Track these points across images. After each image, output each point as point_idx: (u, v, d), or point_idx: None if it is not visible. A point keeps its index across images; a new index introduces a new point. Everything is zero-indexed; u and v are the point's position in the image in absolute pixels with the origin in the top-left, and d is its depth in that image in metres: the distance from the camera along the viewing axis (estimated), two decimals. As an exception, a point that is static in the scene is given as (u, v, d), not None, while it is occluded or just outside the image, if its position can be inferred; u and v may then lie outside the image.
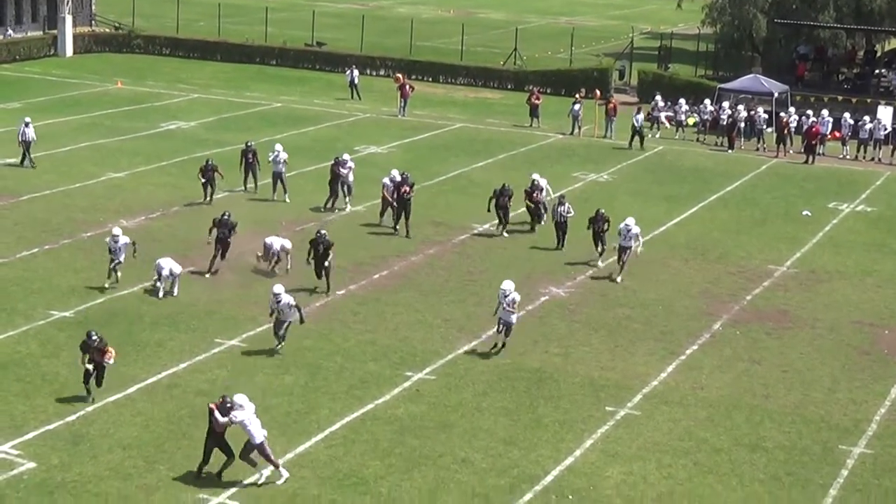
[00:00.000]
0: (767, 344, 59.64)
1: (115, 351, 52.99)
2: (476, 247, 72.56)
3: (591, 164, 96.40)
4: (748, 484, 46.96)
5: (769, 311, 65.22)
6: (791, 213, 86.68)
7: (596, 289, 66.81)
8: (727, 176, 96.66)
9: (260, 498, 43.28)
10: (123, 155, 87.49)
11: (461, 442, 48.02)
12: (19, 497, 42.04)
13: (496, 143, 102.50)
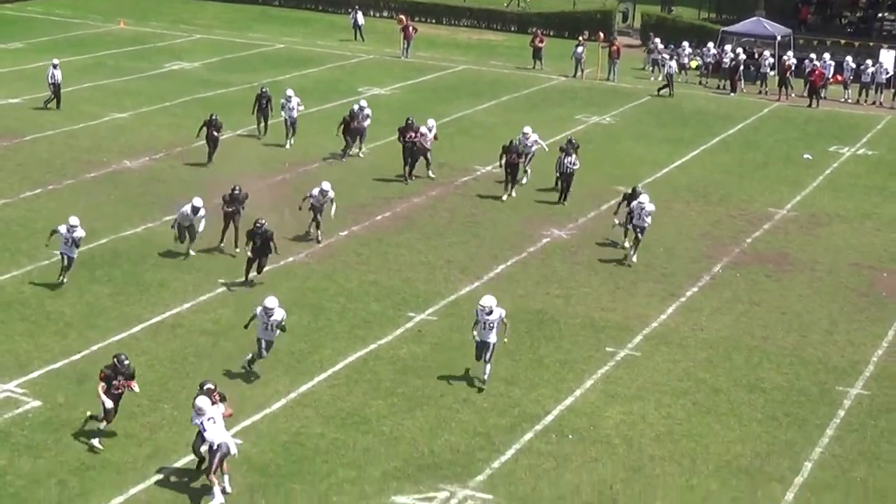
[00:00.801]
0: (767, 286, 59.97)
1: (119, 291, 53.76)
2: (479, 189, 72.66)
3: (593, 107, 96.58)
4: (746, 424, 47.34)
5: (769, 253, 65.49)
6: (792, 157, 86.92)
7: (597, 231, 66.94)
8: (729, 119, 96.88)
9: (262, 436, 43.70)
10: (127, 95, 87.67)
11: (463, 382, 48.32)
12: (25, 435, 42.39)
13: (500, 84, 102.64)
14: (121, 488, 39.72)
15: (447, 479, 41.84)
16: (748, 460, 44.80)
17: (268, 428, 44.31)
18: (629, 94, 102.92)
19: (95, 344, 49.64)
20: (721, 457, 44.72)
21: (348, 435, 43.97)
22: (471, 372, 45.38)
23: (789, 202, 75.94)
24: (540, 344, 52.94)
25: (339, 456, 42.52)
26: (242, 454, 41.45)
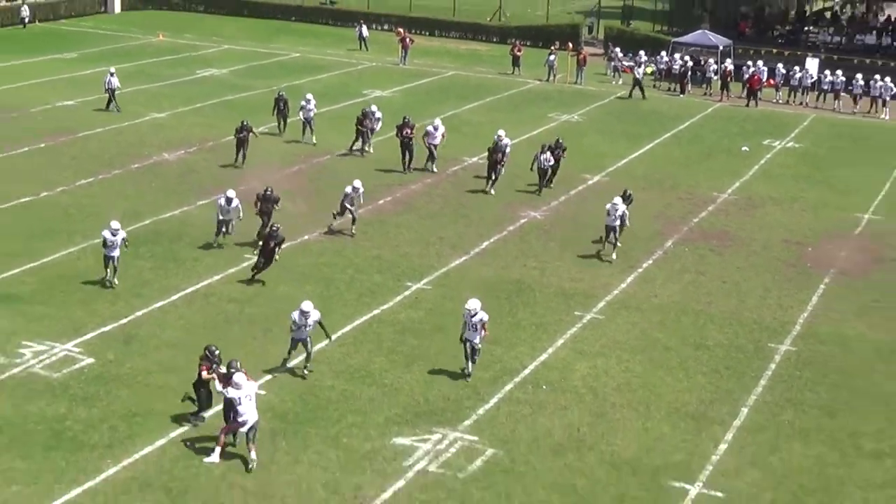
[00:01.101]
0: (711, 259, 60.37)
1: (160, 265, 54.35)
2: (467, 178, 72.91)
3: (563, 107, 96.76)
4: (692, 376, 48.07)
5: (713, 231, 65.84)
6: (732, 149, 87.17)
7: (568, 213, 67.36)
8: (679, 117, 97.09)
9: (283, 387, 44.38)
10: (164, 98, 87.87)
11: (453, 342, 48.41)
12: (81, 387, 43.13)
13: (484, 88, 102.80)
14: (163, 433, 40.25)
15: (440, 424, 42.39)
16: (694, 407, 45.39)
17: (288, 381, 45.04)
18: (594, 96, 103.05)
19: (140, 310, 50.21)
20: (671, 404, 45.33)
21: (355, 387, 44.62)
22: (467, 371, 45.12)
23: (730, 188, 76.31)
24: (518, 309, 53.54)
25: (347, 404, 43.11)
26: (266, 403, 41.94)
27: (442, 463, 40.04)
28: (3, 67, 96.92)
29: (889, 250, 66.45)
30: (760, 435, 42.95)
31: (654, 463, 40.49)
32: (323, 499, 37.31)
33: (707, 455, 42.01)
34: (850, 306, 57.34)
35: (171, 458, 38.86)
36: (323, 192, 68.48)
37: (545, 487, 38.31)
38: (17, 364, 44.82)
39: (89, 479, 36.98)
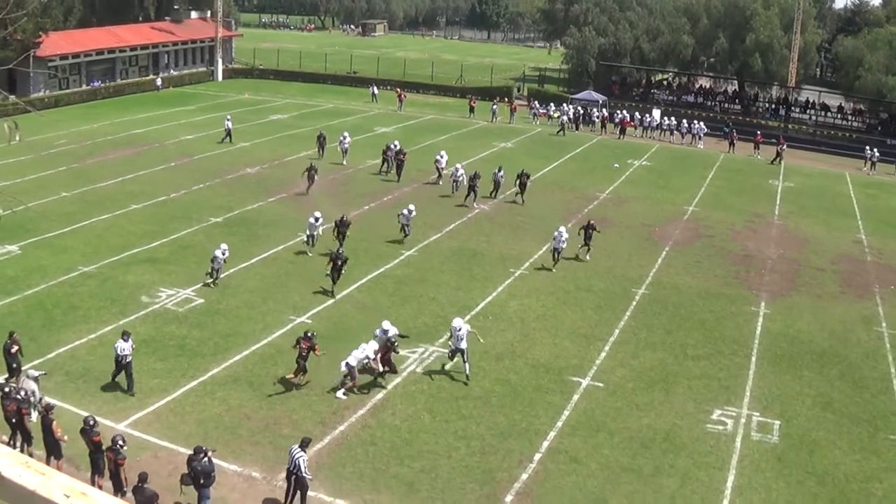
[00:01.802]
0: (596, 238, 59.37)
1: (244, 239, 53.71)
2: (443, 184, 72.30)
3: (502, 139, 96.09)
4: (583, 310, 47.79)
5: (597, 217, 64.95)
6: (608, 166, 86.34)
7: (506, 207, 66.64)
8: (574, 145, 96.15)
9: (322, 318, 44.11)
10: (248, 134, 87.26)
11: (432, 289, 48.47)
12: (196, 317, 43.21)
13: (451, 126, 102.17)
14: (248, 346, 40.15)
15: (423, 341, 42.07)
16: (585, 330, 45.11)
17: (326, 313, 44.72)
18: (521, 131, 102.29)
19: (232, 268, 49.56)
20: (570, 328, 45.05)
21: (369, 317, 43.86)
22: (446, 366, 44.24)
23: (607, 190, 75.63)
24: (473, 267, 52.98)
25: (363, 329, 42.31)
26: (311, 328, 41.61)
27: (425, 366, 39.86)
28: (149, 116, 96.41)
29: (705, 229, 66.22)
30: (626, 346, 42.61)
31: (559, 365, 40.15)
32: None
33: (593, 360, 41.76)
34: (681, 265, 57.21)
35: (253, 363, 38.90)
36: (347, 191, 68.38)
37: (490, 381, 38.00)
38: (157, 302, 44.75)
39: (201, 375, 37.20)
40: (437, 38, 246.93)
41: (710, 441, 35.61)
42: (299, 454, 28.33)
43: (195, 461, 27.47)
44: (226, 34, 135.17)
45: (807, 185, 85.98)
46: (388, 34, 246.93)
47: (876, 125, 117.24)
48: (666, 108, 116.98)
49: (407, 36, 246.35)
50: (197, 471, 27.33)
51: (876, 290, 55.89)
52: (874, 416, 39.03)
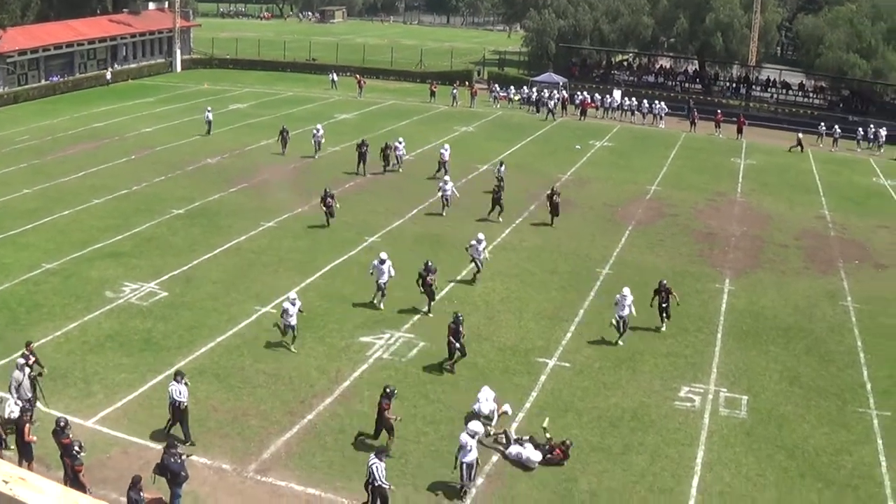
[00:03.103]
0: (560, 217, 60.06)
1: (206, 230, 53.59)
2: (405, 171, 72.15)
3: (463, 123, 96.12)
4: (548, 291, 48.07)
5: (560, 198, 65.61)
6: (569, 147, 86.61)
7: (467, 189, 66.54)
8: (535, 127, 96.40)
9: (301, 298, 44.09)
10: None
11: (396, 274, 48.05)
12: (160, 310, 43.07)
13: (412, 111, 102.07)
14: (212, 339, 40.16)
15: (389, 327, 42.21)
16: (550, 311, 45.30)
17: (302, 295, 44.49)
18: (482, 115, 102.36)
19: (195, 260, 49.81)
20: (535, 309, 45.23)
21: (333, 305, 44.41)
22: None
23: (569, 171, 75.90)
24: (437, 252, 52.65)
25: (329, 316, 42.94)
26: (276, 318, 41.64)
27: (391, 352, 39.93)
28: (109, 110, 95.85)
29: (667, 208, 66.56)
30: (591, 327, 42.82)
31: (526, 347, 40.28)
32: (315, 377, 37.21)
33: (559, 340, 41.96)
34: (644, 243, 57.52)
35: (218, 355, 38.86)
36: (310, 181, 67.83)
37: (458, 365, 38.05)
38: (121, 297, 44.57)
39: (168, 368, 36.86)
40: (397, 24, 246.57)
41: (678, 418, 35.84)
42: (374, 462, 28.07)
43: (168, 455, 27.43)
44: (184, 24, 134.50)
45: (769, 163, 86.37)
46: (347, 20, 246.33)
47: (837, 102, 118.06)
48: (626, 88, 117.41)
49: (366, 22, 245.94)
50: (167, 467, 27.28)
51: (840, 265, 56.28)
52: (842, 389, 39.35)
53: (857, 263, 57.02)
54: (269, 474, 30.30)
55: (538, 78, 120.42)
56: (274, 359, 38.59)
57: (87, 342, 39.70)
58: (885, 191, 78.81)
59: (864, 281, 53.83)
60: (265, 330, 41.31)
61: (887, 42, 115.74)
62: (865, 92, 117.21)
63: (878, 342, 44.64)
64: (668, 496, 30.59)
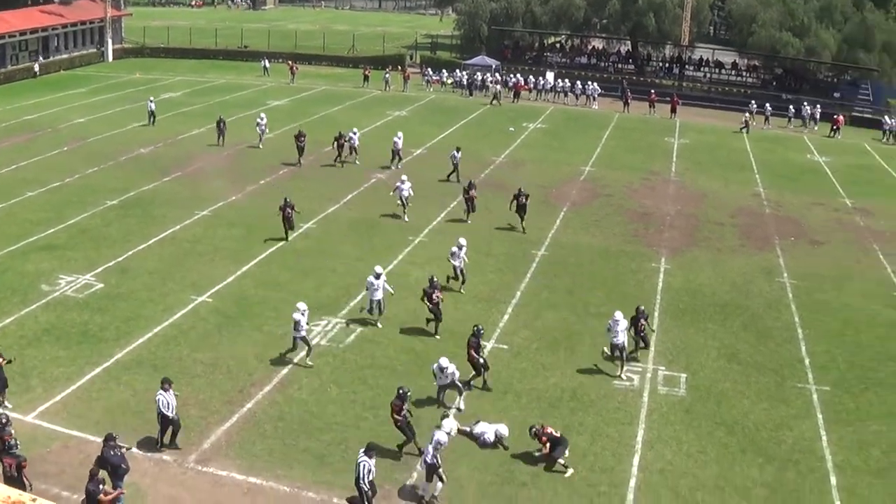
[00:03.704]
0: (494, 201, 59.89)
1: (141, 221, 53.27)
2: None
3: (396, 107, 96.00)
4: (485, 273, 48.20)
5: (494, 182, 65.53)
6: (503, 130, 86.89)
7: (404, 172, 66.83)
8: (468, 111, 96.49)
9: (223, 296, 43.99)
10: (140, 113, 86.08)
11: (332, 260, 48.43)
12: (97, 302, 42.74)
13: (345, 96, 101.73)
14: (149, 329, 39.93)
15: (326, 313, 42.20)
16: (487, 293, 45.50)
17: (226, 291, 44.47)
18: (415, 99, 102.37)
19: (130, 251, 49.38)
20: (472, 293, 45.35)
21: (270, 293, 44.31)
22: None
23: (503, 154, 76.06)
24: (373, 237, 53.03)
25: (266, 304, 42.86)
26: (213, 307, 42.02)
27: (329, 339, 39.92)
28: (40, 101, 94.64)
29: (601, 189, 66.95)
30: (528, 308, 42.92)
31: (463, 330, 40.13)
32: (253, 365, 37.15)
33: (497, 323, 42.14)
34: (579, 224, 57.84)
35: (156, 346, 38.63)
36: (244, 168, 67.69)
37: (396, 350, 38.13)
38: (57, 289, 44.14)
39: (106, 360, 36.89)
40: (328, 9, 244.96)
41: (617, 397, 36.11)
42: (362, 460, 27.49)
43: (108, 448, 27.29)
44: (115, 14, 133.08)
45: (702, 142, 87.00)
46: (278, 7, 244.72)
47: (771, 80, 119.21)
48: (559, 70, 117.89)
49: (298, 7, 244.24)
50: (107, 460, 27.13)
51: (776, 242, 56.87)
52: (780, 365, 39.83)
53: (793, 240, 57.63)
54: (209, 464, 30.25)
55: (471, 61, 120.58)
56: (211, 348, 38.49)
57: (25, 336, 39.33)
58: (820, 167, 79.61)
59: (800, 257, 54.51)
60: (202, 319, 41.32)
61: (820, 20, 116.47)
62: (798, 70, 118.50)
63: (815, 317, 45.29)
64: (610, 475, 30.84)
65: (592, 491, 29.95)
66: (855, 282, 51.03)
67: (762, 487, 30.72)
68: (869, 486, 31.16)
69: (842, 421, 35.37)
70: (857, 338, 43.38)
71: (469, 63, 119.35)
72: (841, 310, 46.69)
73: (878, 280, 51.70)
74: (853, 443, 33.85)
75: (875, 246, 57.78)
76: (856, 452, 33.17)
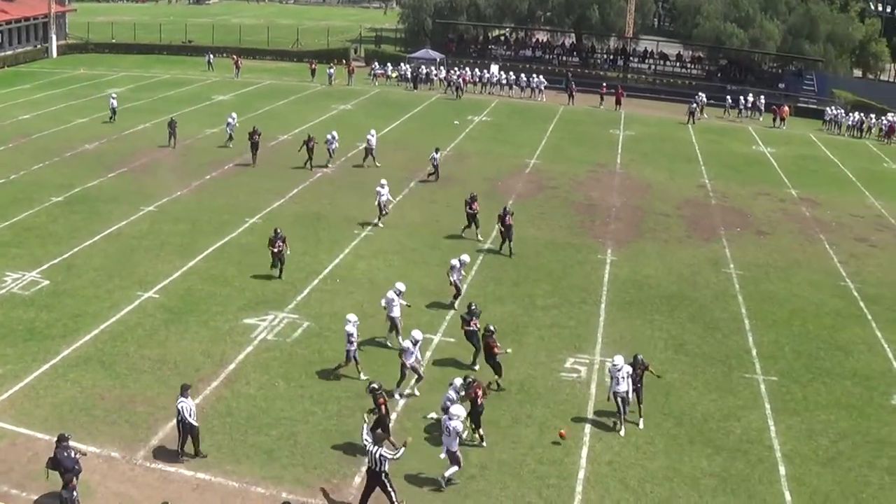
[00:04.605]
0: (438, 193, 60.21)
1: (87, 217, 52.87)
2: (282, 149, 71.44)
3: (341, 101, 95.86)
4: (431, 267, 48.19)
5: (440, 174, 65.75)
6: (448, 123, 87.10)
7: (348, 167, 66.65)
8: (414, 104, 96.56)
9: (169, 292, 43.68)
10: (86, 109, 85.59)
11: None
12: (43, 299, 42.31)
13: (289, 91, 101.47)
14: (96, 326, 39.59)
15: (273, 308, 42.08)
16: (434, 287, 45.33)
17: (172, 287, 44.26)
18: (360, 93, 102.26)
19: (76, 247, 49.00)
20: (419, 286, 45.11)
21: (217, 288, 44.12)
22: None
23: (449, 147, 75.97)
24: (319, 231, 52.97)
25: (212, 300, 42.70)
26: (159, 303, 41.88)
27: (276, 333, 39.80)
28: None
29: (547, 181, 67.26)
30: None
31: (410, 323, 40.17)
32: (200, 361, 37.00)
33: (443, 316, 42.31)
34: (525, 217, 57.75)
35: (103, 342, 38.35)
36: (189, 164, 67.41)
37: (343, 344, 37.78)
38: (3, 287, 43.72)
39: (53, 357, 36.63)
40: (273, 3, 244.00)
41: (565, 389, 36.26)
42: (378, 451, 27.48)
43: (60, 449, 27.10)
44: (59, 10, 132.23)
45: (648, 133, 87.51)
46: (222, 1, 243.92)
47: (715, 72, 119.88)
48: (504, 63, 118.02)
49: (242, 2, 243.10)
50: (60, 462, 26.93)
51: (722, 233, 57.31)
52: (728, 355, 40.16)
53: (739, 231, 58.09)
54: (158, 460, 30.08)
55: (415, 54, 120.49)
56: (158, 344, 38.29)
57: (-30, 334, 39.20)
58: (765, 158, 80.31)
59: (747, 248, 54.99)
60: (149, 315, 41.07)
61: (764, 11, 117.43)
62: (743, 61, 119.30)
63: (762, 308, 45.71)
64: (559, 467, 30.98)
65: (541, 483, 30.07)
66: (801, 272, 51.62)
67: (711, 478, 30.95)
68: (818, 475, 31.46)
69: (790, 410, 35.73)
70: (804, 327, 43.88)
71: (413, 56, 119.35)
72: (788, 300, 47.22)
73: (824, 270, 52.31)
74: (802, 432, 34.20)
75: (821, 236, 58.44)
76: (804, 442, 33.53)
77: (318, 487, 28.83)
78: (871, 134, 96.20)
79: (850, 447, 33.45)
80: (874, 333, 43.87)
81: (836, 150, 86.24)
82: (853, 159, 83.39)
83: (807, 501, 29.93)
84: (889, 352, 41.85)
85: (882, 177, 77.79)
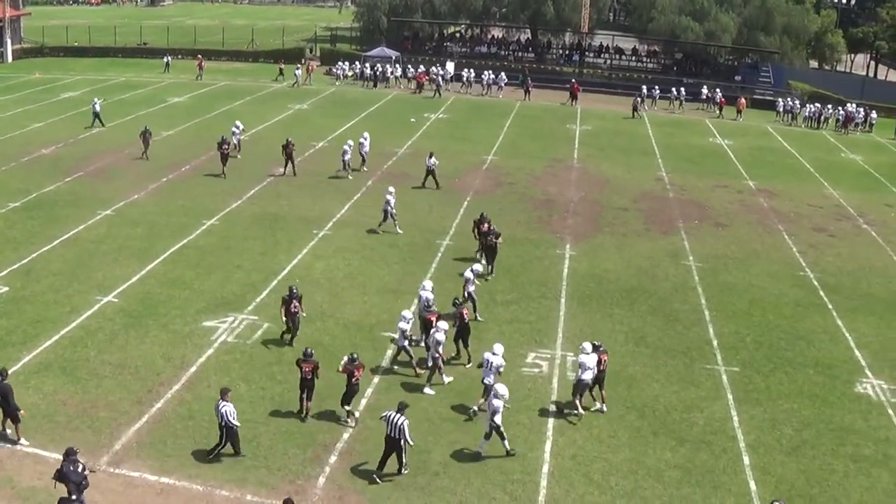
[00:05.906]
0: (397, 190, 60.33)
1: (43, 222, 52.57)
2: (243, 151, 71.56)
3: (298, 101, 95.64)
4: (390, 265, 48.26)
5: (396, 172, 65.63)
6: (405, 120, 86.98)
7: (305, 168, 66.27)
8: (371, 102, 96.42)
9: (128, 296, 43.43)
10: (41, 113, 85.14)
11: (236, 256, 48.23)
12: (1, 306, 41.92)
13: (246, 91, 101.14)
14: (56, 332, 39.39)
15: (232, 310, 41.95)
16: (393, 285, 45.49)
17: (131, 291, 44.04)
18: (317, 92, 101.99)
19: (34, 253, 48.51)
20: (378, 284, 45.40)
21: (176, 291, 43.94)
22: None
23: (406, 144, 76.21)
24: (276, 232, 52.79)
25: (171, 303, 42.53)
26: (117, 307, 41.70)
27: (236, 335, 39.73)
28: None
29: (504, 177, 67.45)
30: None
31: (370, 322, 40.46)
32: (161, 365, 36.86)
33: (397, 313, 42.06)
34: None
35: (63, 348, 38.13)
36: (146, 167, 66.63)
37: (302, 343, 37.63)
38: (-43, 295, 43.62)
39: (13, 365, 36.13)
40: (227, 4, 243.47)
41: (527, 384, 36.38)
42: (400, 419, 29.43)
43: (67, 462, 26.89)
44: (13, 14, 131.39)
45: (604, 128, 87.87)
46: (176, 3, 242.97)
47: (671, 65, 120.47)
48: (460, 60, 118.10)
49: (196, 3, 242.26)
50: (66, 476, 26.76)
51: (680, 226, 57.66)
52: (689, 347, 40.45)
53: (697, 223, 58.43)
54: (121, 466, 29.99)
55: (371, 53, 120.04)
56: (119, 349, 38.10)
57: (-72, 343, 38.86)
58: (722, 150, 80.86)
59: (705, 240, 55.38)
60: (108, 320, 40.86)
61: (720, 4, 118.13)
62: (699, 54, 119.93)
63: (722, 299, 46.07)
64: (522, 462, 31.09)
65: (506, 479, 30.17)
66: (760, 262, 52.05)
67: (676, 469, 31.16)
68: (782, 464, 31.74)
69: (752, 401, 36.04)
70: (764, 318, 44.26)
71: (369, 55, 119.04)
72: (747, 290, 47.61)
73: (783, 260, 52.72)
74: (765, 422, 34.51)
75: (780, 227, 58.88)
76: (768, 431, 33.84)
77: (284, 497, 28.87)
78: (829, 125, 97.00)
79: (813, 436, 33.80)
80: (835, 322, 44.35)
81: (793, 141, 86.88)
82: (810, 150, 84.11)
83: (772, 491, 30.13)
84: (850, 340, 42.36)
85: (840, 167, 78.45)
